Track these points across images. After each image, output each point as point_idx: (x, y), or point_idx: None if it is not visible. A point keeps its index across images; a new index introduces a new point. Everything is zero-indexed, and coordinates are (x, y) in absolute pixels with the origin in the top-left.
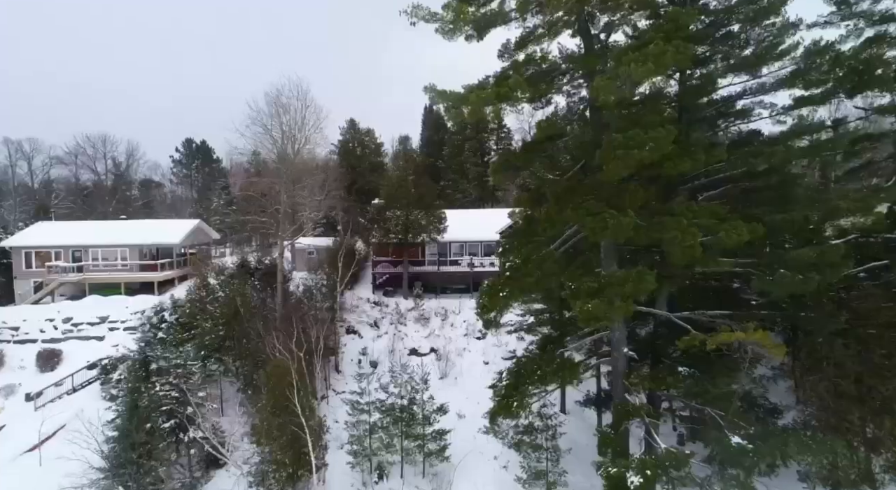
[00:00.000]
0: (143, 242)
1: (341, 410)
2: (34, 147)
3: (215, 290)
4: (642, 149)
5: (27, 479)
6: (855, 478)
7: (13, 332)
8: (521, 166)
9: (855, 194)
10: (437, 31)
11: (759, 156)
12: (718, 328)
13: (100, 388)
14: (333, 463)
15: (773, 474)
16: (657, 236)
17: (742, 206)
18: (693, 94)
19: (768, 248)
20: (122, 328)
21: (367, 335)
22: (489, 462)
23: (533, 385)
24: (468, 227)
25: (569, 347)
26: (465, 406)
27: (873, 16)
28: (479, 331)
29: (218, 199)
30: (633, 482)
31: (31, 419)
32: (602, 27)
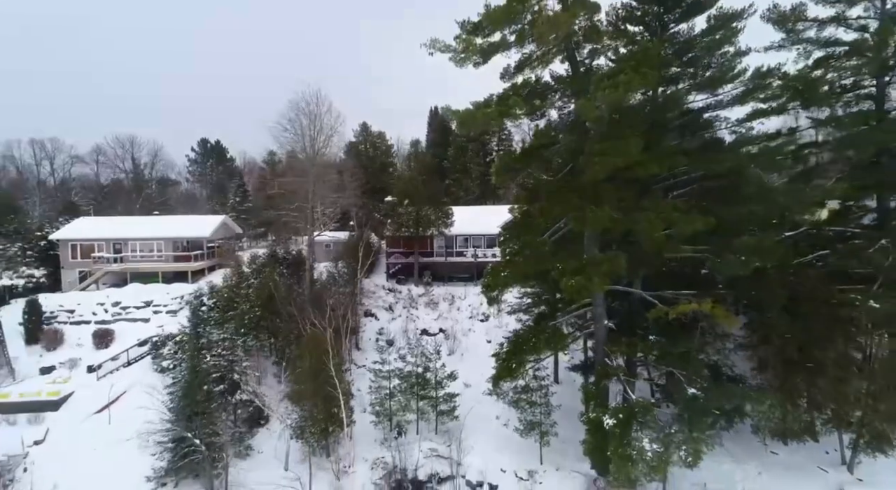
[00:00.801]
0: (177, 236)
1: (362, 381)
2: (55, 147)
3: (249, 277)
4: (615, 156)
5: (99, 435)
6: (798, 429)
7: (69, 314)
8: (519, 168)
9: (797, 193)
10: (450, 60)
11: (717, 161)
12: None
13: (151, 361)
14: (358, 422)
15: (733, 429)
16: (630, 227)
17: (703, 203)
18: (662, 109)
19: (722, 237)
20: (165, 311)
21: (382, 318)
22: (492, 421)
23: (529, 353)
24: (472, 222)
25: (559, 321)
26: (470, 377)
27: (818, 41)
28: (482, 314)
29: (234, 196)
30: (609, 424)
31: (94, 387)
32: (587, 54)
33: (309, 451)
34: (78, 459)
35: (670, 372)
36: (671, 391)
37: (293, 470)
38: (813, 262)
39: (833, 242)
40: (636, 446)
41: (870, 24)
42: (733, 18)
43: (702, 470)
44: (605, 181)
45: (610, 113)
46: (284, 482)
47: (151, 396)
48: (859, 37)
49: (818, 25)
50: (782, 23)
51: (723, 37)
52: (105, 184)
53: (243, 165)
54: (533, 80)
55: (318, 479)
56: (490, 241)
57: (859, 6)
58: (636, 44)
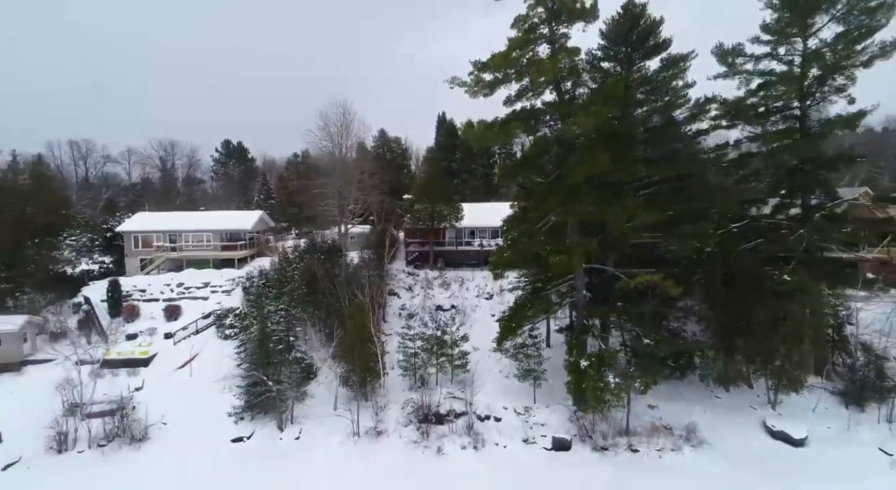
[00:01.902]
0: (223, 228)
1: (390, 346)
2: (89, 147)
3: (293, 262)
4: (591, 166)
5: (183, 384)
6: (735, 377)
7: (141, 293)
8: (518, 172)
9: (731, 193)
10: (465, 92)
11: (669, 168)
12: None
13: (215, 330)
14: (389, 377)
15: (686, 379)
16: (603, 219)
17: (659, 200)
18: (629, 127)
19: (673, 227)
20: (220, 291)
21: (404, 296)
22: (496, 373)
23: (525, 318)
24: (478, 216)
25: (548, 291)
26: (478, 342)
27: (755, 72)
28: (487, 293)
29: (258, 193)
30: (584, 365)
31: (172, 350)
32: (570, 86)
33: (352, 396)
34: (171, 402)
35: (632, 329)
36: (632, 343)
37: (340, 410)
38: (755, 247)
39: (769, 231)
40: (604, 381)
41: (795, 58)
42: (680, 60)
43: (660, 410)
44: (584, 184)
45: (586, 133)
46: (336, 417)
47: (220, 356)
48: (787, 68)
49: (755, 60)
50: (724, 58)
51: (672, 74)
52: (135, 183)
53: (263, 165)
54: (529, 107)
55: (361, 415)
56: (493, 232)
57: (786, 45)
58: (608, 77)
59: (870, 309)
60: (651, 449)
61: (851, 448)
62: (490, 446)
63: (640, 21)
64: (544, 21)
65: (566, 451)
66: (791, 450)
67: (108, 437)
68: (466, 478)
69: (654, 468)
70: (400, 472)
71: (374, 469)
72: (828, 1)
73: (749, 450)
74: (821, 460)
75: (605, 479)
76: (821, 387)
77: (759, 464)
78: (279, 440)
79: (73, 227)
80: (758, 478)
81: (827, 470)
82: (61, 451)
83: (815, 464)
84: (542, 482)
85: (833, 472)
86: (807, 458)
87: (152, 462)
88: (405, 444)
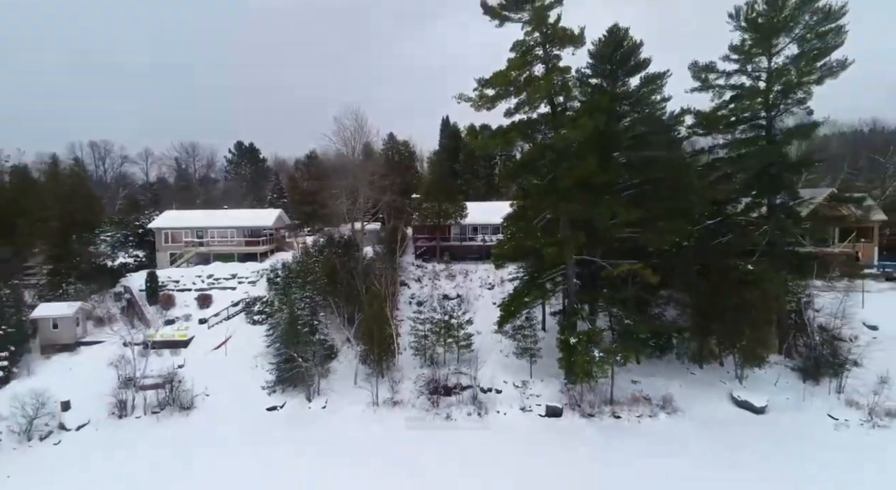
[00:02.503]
0: (246, 225)
1: (402, 330)
2: (107, 148)
3: (313, 255)
4: (580, 170)
5: (220, 362)
6: (706, 355)
7: (175, 283)
8: (517, 175)
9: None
10: (470, 107)
11: (647, 171)
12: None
13: (244, 316)
14: (401, 357)
15: (665, 358)
16: (590, 216)
17: (642, 200)
18: (614, 137)
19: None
20: (247, 282)
21: (413, 286)
22: (496, 353)
23: (523, 303)
24: (480, 214)
25: (543, 279)
26: (480, 326)
27: (726, 86)
28: (488, 283)
29: (271, 192)
30: (573, 342)
31: (207, 334)
32: (562, 100)
33: (370, 372)
34: (210, 377)
35: (616, 312)
36: (616, 324)
37: (360, 384)
38: (727, 242)
39: (740, 227)
40: (591, 355)
41: (761, 74)
42: (656, 78)
43: (641, 384)
44: (575, 186)
45: (576, 141)
46: (356, 389)
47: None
48: (754, 84)
49: (726, 75)
50: (699, 74)
51: (651, 89)
52: (152, 182)
53: (275, 165)
54: (526, 119)
55: (379, 388)
56: (494, 228)
57: (753, 63)
58: (596, 92)
59: (826, 295)
60: (631, 416)
61: (804, 415)
62: (492, 414)
63: (623, 43)
64: (539, 44)
65: (558, 417)
66: (753, 416)
67: (161, 405)
68: (471, 438)
69: (634, 432)
70: (412, 437)
71: (392, 431)
72: (787, 25)
73: (716, 417)
74: (777, 425)
75: (590, 441)
76: (782, 363)
77: (724, 428)
78: (308, 408)
79: (107, 223)
80: (722, 440)
81: (781, 432)
82: (122, 417)
83: (772, 428)
84: (536, 442)
85: (786, 434)
86: (765, 424)
87: (200, 426)
88: (418, 413)
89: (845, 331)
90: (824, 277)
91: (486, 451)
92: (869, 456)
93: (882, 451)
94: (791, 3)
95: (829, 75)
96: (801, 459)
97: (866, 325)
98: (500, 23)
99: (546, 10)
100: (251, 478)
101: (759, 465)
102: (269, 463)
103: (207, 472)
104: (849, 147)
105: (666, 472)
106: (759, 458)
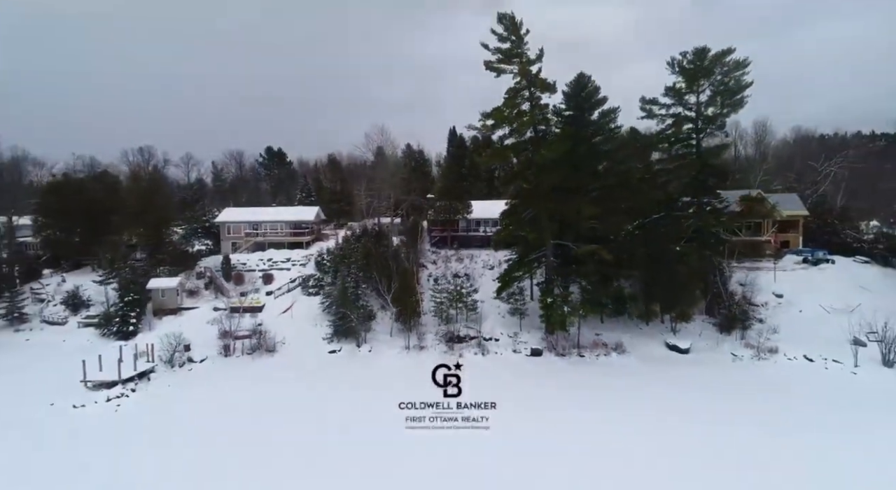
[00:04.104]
0: (292, 219)
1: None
2: (151, 153)
3: (352, 242)
4: (555, 178)
5: (288, 322)
6: (650, 314)
7: (243, 265)
8: (511, 181)
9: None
10: (476, 133)
11: (605, 179)
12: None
13: (301, 289)
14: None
15: (622, 317)
16: (563, 212)
17: (601, 200)
18: (582, 155)
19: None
20: (298, 264)
21: (430, 267)
22: (495, 313)
23: (515, 277)
24: (483, 210)
25: (529, 259)
26: (483, 296)
27: (667, 115)
28: (489, 265)
29: (300, 191)
30: (549, 301)
31: (274, 303)
32: (543, 128)
33: (402, 328)
34: (283, 332)
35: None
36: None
37: (395, 336)
38: (667, 230)
39: (677, 220)
40: (562, 311)
41: (692, 107)
42: (612, 112)
43: (602, 335)
44: (552, 190)
45: (552, 158)
46: (392, 339)
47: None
48: (686, 113)
49: (666, 107)
50: (645, 107)
51: (607, 120)
52: (192, 183)
53: (300, 168)
54: (516, 141)
55: (410, 338)
56: (494, 222)
57: (684, 100)
58: (568, 121)
59: (741, 270)
60: (592, 355)
61: (715, 354)
62: (492, 354)
63: (587, 86)
64: (525, 88)
65: (539, 356)
66: (679, 355)
67: (252, 349)
68: (477, 367)
69: (593, 364)
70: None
71: (420, 366)
72: (705, 74)
73: (653, 355)
74: (695, 360)
75: (561, 371)
76: (706, 320)
77: (658, 362)
78: (358, 352)
79: (182, 218)
80: (655, 370)
81: (697, 364)
82: (227, 356)
83: (692, 362)
84: (523, 371)
85: (700, 364)
86: (687, 360)
87: (282, 363)
88: (439, 353)
89: (759, 298)
90: (740, 258)
91: (488, 375)
92: (752, 375)
93: (762, 370)
94: (709, 57)
95: (735, 110)
96: (708, 378)
97: (775, 293)
98: (497, 75)
99: (529, 66)
100: (323, 394)
101: (679, 382)
102: (335, 385)
103: (291, 389)
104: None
105: (613, 387)
106: (679, 378)
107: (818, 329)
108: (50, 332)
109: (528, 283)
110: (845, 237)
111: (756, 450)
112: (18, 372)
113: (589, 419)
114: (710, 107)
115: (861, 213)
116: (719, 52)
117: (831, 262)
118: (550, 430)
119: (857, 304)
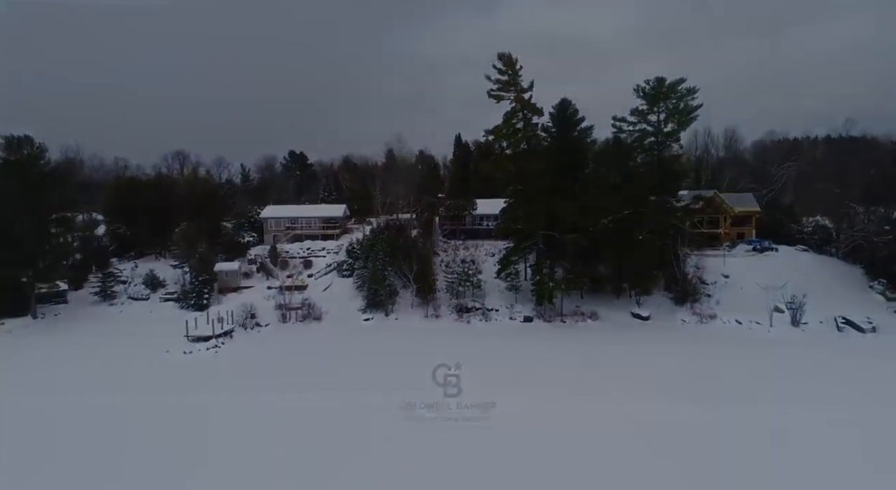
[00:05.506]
0: (323, 215)
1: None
2: (184, 156)
3: (378, 234)
4: (542, 184)
5: (329, 297)
6: (620, 290)
7: (286, 253)
8: (509, 184)
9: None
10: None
11: (581, 183)
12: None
13: (336, 272)
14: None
15: (600, 292)
16: (550, 209)
17: (580, 199)
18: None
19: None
20: (332, 252)
21: (442, 255)
22: (495, 290)
23: (512, 261)
24: (486, 207)
25: (523, 246)
26: (486, 277)
27: (635, 131)
28: (491, 253)
29: (324, 191)
30: (539, 279)
31: (315, 283)
32: (534, 143)
33: (420, 302)
34: (325, 305)
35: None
36: (565, 270)
37: (415, 308)
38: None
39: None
40: (549, 286)
41: (654, 123)
42: (587, 130)
43: (581, 307)
44: (541, 192)
45: (540, 167)
46: (413, 310)
47: (342, 286)
48: (649, 129)
49: (633, 124)
50: (616, 124)
51: (583, 138)
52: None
53: (320, 170)
54: (513, 152)
55: (428, 310)
56: (495, 217)
57: (647, 119)
58: (553, 137)
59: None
60: (573, 322)
61: (668, 321)
62: (493, 321)
63: (569, 109)
64: (520, 111)
65: (530, 322)
66: (641, 322)
67: (302, 317)
68: (481, 330)
69: (573, 329)
70: (450, 328)
71: (437, 329)
72: (663, 98)
73: (621, 321)
74: (653, 325)
75: (548, 333)
76: (665, 295)
77: (624, 327)
78: (386, 319)
79: (232, 215)
80: (621, 331)
81: (654, 328)
82: (284, 322)
83: (650, 326)
84: (517, 333)
85: (655, 328)
86: (648, 325)
87: (327, 327)
88: (451, 320)
89: (710, 278)
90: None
91: (489, 333)
92: (692, 333)
93: (700, 331)
94: (666, 85)
95: (684, 128)
96: (660, 337)
97: (723, 275)
98: (497, 101)
99: (523, 94)
100: (362, 350)
101: (638, 339)
102: (371, 344)
103: (338, 347)
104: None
105: (588, 342)
106: (638, 335)
107: (752, 301)
108: (137, 306)
109: (523, 265)
110: (790, 230)
111: (687, 367)
112: (125, 334)
113: (570, 364)
114: (668, 124)
115: (804, 210)
116: (674, 81)
117: (775, 251)
118: (539, 369)
119: (785, 282)
